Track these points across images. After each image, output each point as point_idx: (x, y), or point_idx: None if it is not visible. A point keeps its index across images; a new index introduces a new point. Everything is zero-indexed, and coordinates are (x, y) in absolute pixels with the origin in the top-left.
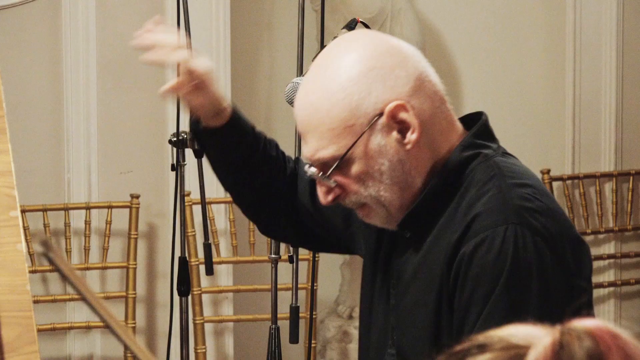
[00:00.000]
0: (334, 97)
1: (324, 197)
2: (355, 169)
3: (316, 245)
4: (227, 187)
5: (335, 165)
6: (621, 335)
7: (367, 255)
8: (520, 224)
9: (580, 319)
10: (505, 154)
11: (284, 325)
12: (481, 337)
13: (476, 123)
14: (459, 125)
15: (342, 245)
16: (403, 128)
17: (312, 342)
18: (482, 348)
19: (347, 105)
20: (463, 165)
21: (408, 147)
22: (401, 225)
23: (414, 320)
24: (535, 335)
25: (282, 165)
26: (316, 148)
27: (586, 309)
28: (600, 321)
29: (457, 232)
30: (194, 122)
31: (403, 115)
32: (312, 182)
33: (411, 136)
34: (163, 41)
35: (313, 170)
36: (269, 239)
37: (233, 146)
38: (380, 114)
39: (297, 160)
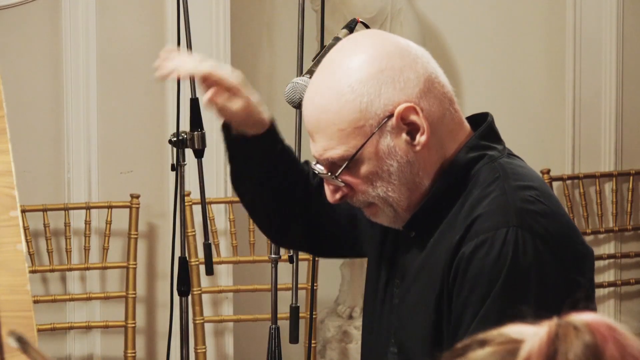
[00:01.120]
0: (343, 98)
1: (331, 195)
2: (364, 169)
3: (325, 250)
4: (247, 198)
5: (344, 165)
6: (618, 328)
7: (372, 254)
8: (521, 226)
9: (577, 313)
10: (511, 155)
11: (284, 325)
12: (482, 334)
13: (482, 123)
14: (467, 126)
15: (349, 248)
16: (412, 130)
17: (312, 342)
18: (483, 343)
19: (357, 106)
20: (468, 167)
21: (417, 148)
22: (407, 225)
23: (415, 319)
24: (533, 331)
25: (304, 176)
26: (325, 148)
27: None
28: (596, 315)
29: (459, 232)
30: (225, 129)
31: (413, 117)
32: (321, 181)
33: (420, 138)
34: (184, 62)
35: (321, 168)
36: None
37: (265, 156)
38: (390, 116)
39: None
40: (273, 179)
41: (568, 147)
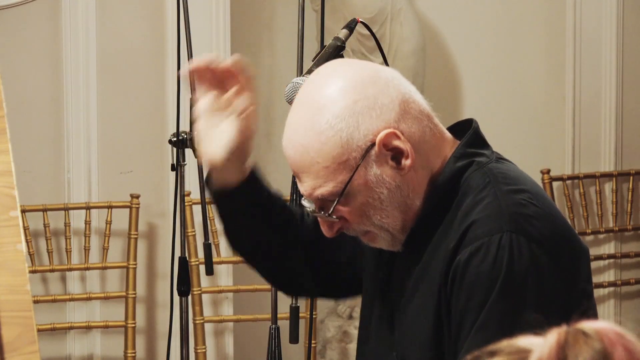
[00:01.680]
0: (323, 135)
1: (328, 231)
2: (355, 201)
3: (338, 290)
4: (247, 255)
5: (335, 201)
6: (626, 336)
7: (369, 265)
8: (515, 231)
9: (585, 320)
10: (500, 159)
11: (284, 325)
12: (492, 345)
13: (467, 131)
14: (449, 136)
15: (357, 276)
16: (396, 154)
17: (312, 342)
18: (492, 354)
19: (337, 141)
20: (457, 176)
21: (404, 172)
22: (405, 244)
23: (415, 329)
24: (542, 340)
25: (297, 220)
26: (313, 187)
27: (588, 312)
28: (605, 322)
29: (454, 240)
30: (208, 181)
31: (395, 142)
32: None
33: (406, 162)
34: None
35: (311, 206)
36: None
37: (253, 205)
38: (372, 145)
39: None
40: (267, 230)
41: (568, 147)
